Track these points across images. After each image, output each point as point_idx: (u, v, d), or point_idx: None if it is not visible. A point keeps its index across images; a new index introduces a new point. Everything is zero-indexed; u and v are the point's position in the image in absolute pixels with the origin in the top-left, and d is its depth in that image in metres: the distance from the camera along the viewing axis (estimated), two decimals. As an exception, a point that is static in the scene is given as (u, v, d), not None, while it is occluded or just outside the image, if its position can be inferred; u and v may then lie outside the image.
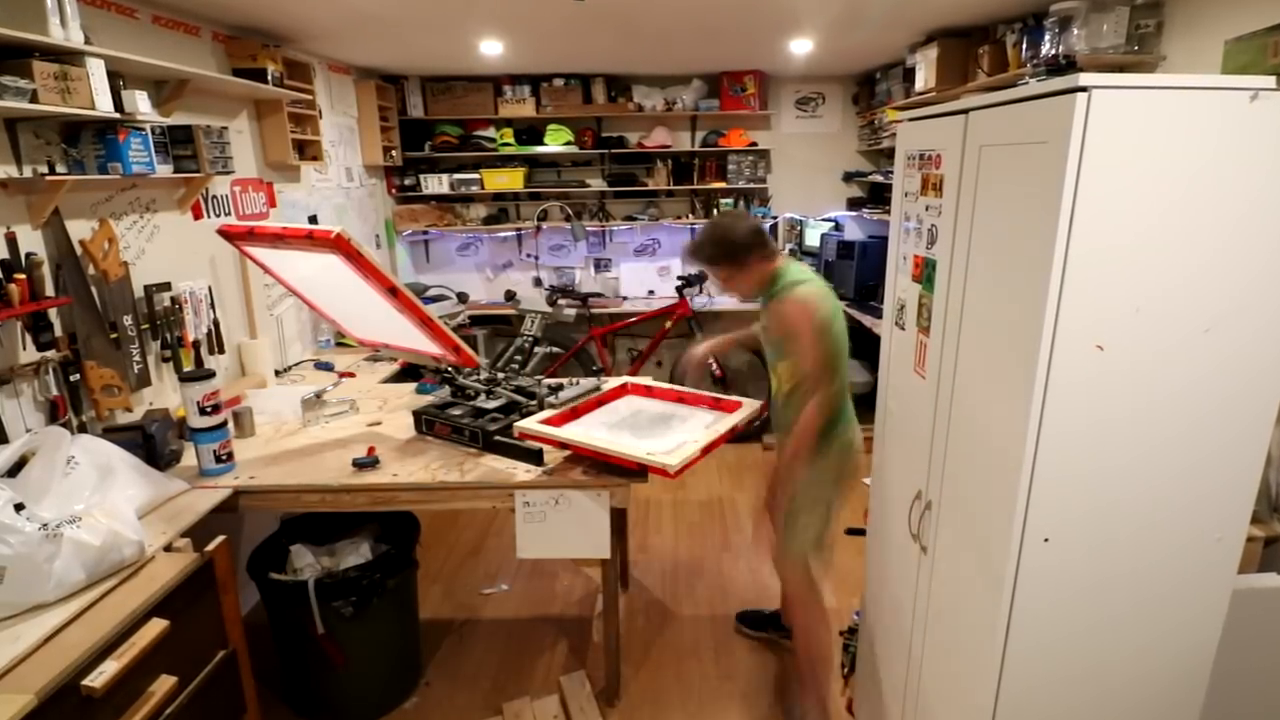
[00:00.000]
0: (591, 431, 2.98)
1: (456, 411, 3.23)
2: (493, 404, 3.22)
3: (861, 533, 2.88)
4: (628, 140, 6.84)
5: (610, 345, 7.16)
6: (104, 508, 2.22)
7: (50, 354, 2.80)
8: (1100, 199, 1.47)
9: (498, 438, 3.05)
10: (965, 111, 1.90)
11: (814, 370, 2.77)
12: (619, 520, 3.17)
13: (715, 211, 6.93)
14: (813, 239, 6.93)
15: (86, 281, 2.99)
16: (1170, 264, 1.52)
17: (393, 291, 2.75)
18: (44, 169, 2.78)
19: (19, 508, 2.02)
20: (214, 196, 3.93)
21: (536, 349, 3.46)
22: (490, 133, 6.72)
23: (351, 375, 4.38)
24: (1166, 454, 1.65)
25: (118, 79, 2.95)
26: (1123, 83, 1.43)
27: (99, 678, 1.86)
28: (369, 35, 4.59)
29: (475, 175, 6.73)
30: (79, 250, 2.97)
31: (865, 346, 6.28)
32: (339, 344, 5.25)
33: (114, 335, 3.10)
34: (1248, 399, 1.62)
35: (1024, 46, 3.94)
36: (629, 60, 6.03)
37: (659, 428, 3.06)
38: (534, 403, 3.20)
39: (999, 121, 1.76)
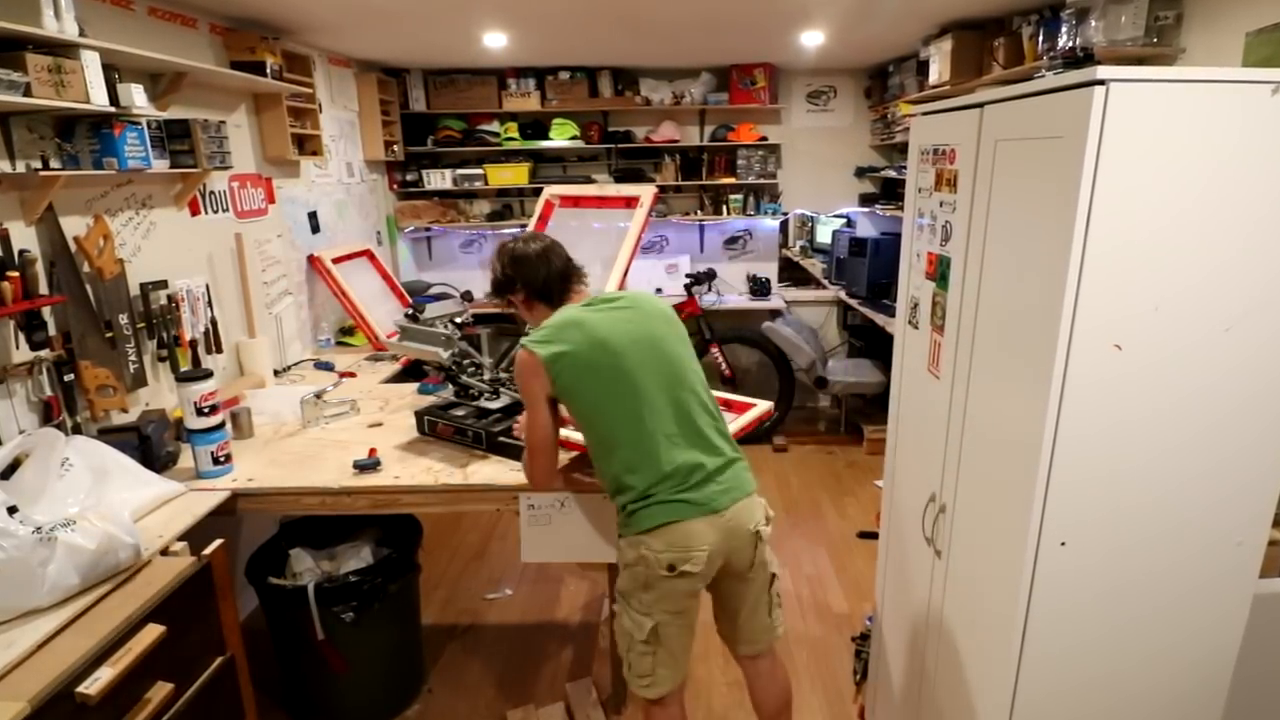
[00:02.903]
0: None
1: (460, 412, 3.23)
2: (497, 404, 3.22)
3: (874, 536, 2.88)
4: (635, 135, 6.84)
5: (616, 344, 7.15)
6: (99, 510, 2.23)
7: (44, 353, 2.81)
8: (1118, 195, 1.47)
9: (502, 439, 3.05)
10: (980, 105, 1.90)
11: (524, 429, 2.54)
12: (625, 524, 3.17)
13: (725, 209, 6.93)
14: (824, 236, 6.92)
15: (81, 279, 2.99)
16: (1190, 261, 1.52)
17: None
18: (38, 164, 2.79)
19: (12, 510, 2.02)
20: (212, 192, 3.94)
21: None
22: (494, 127, 6.72)
23: (352, 375, 4.39)
24: (1186, 455, 1.65)
25: (113, 72, 2.96)
26: (1141, 76, 1.42)
27: (94, 684, 1.86)
28: (370, 27, 4.59)
29: (479, 170, 6.73)
30: (73, 247, 2.97)
31: (877, 345, 6.28)
32: (339, 343, 5.26)
33: (109, 334, 3.11)
34: (1269, 399, 1.62)
35: (1040, 39, 3.93)
36: (636, 53, 6.03)
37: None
38: (538, 403, 3.20)
39: (1014, 115, 1.76)
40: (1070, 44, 3.56)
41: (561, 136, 6.66)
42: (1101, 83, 1.42)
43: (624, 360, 2.36)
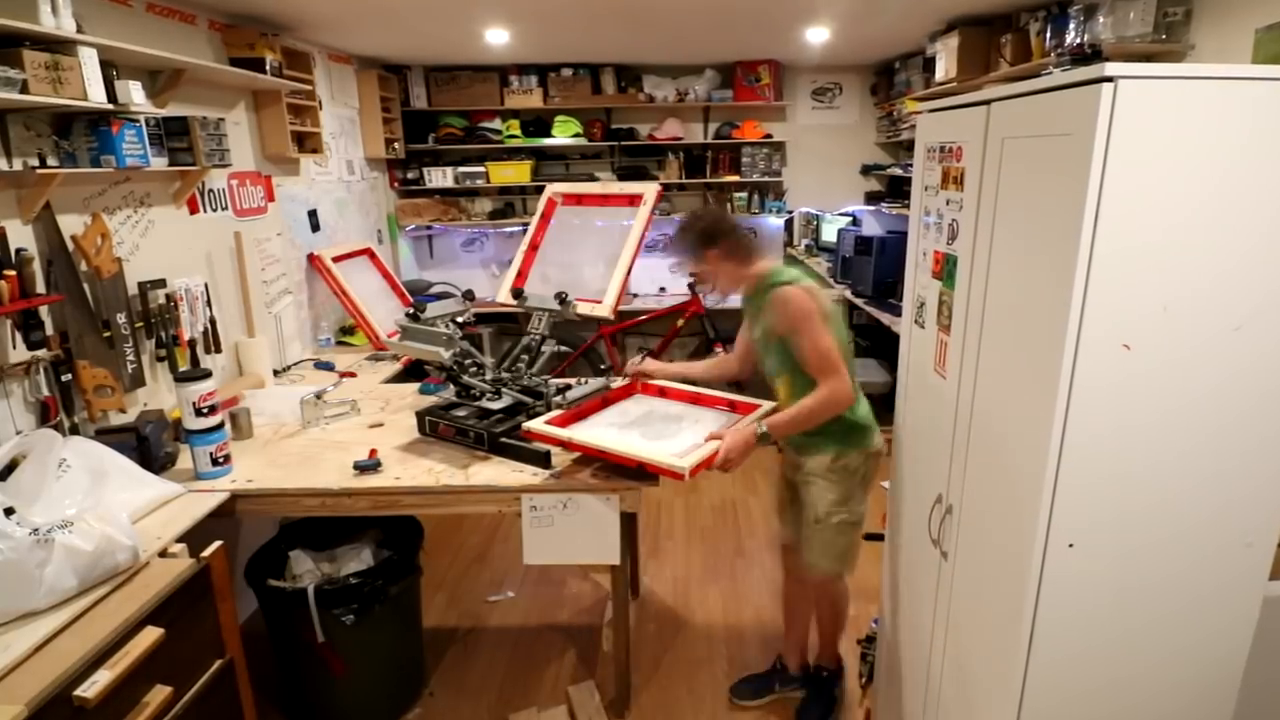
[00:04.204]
0: (600, 432, 2.98)
1: (461, 412, 3.23)
2: (498, 404, 3.22)
3: (880, 538, 2.87)
4: (638, 132, 6.85)
5: (620, 344, 7.17)
6: (97, 512, 2.23)
7: (41, 353, 2.82)
8: (1127, 193, 1.46)
9: (504, 439, 3.06)
10: (987, 102, 1.90)
11: (820, 359, 2.71)
12: (629, 525, 3.17)
13: (729, 208, 6.93)
14: (829, 234, 6.92)
15: (79, 278, 3.00)
16: (1199, 260, 1.52)
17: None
18: (35, 162, 2.80)
19: (9, 512, 2.03)
20: (210, 190, 3.95)
21: (544, 348, 3.45)
22: (496, 124, 6.74)
23: (353, 375, 4.39)
24: (1195, 456, 1.64)
25: (111, 69, 2.97)
26: (1150, 72, 1.42)
27: (91, 688, 1.86)
28: (371, 23, 4.60)
29: (480, 168, 6.75)
30: (71, 246, 2.98)
31: (883, 345, 6.27)
32: (339, 343, 5.27)
33: (107, 334, 3.11)
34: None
35: (1048, 35, 3.93)
36: (640, 49, 6.04)
37: (671, 429, 3.05)
38: (541, 403, 3.20)
39: (1022, 113, 1.76)
40: (1078, 40, 3.56)
41: (564, 134, 6.68)
42: (1110, 80, 1.41)
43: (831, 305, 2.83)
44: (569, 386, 3.27)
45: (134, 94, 3.02)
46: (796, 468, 3.06)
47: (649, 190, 3.67)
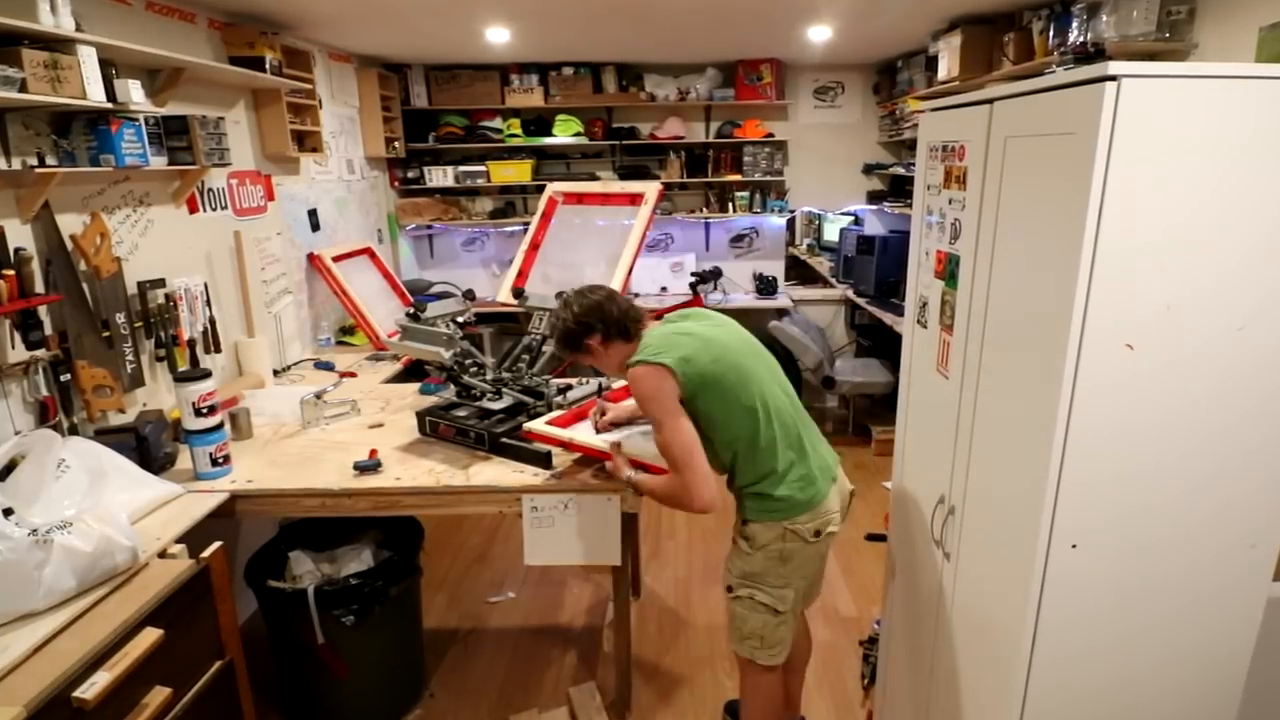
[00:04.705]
0: (602, 433, 2.98)
1: (461, 412, 3.24)
2: (499, 405, 3.22)
3: (882, 538, 2.87)
4: (639, 131, 6.84)
5: (621, 344, 7.16)
6: (96, 513, 2.23)
7: (40, 353, 2.82)
8: (1130, 192, 1.46)
9: (504, 440, 3.06)
10: (990, 101, 1.90)
11: (668, 451, 2.46)
12: (630, 525, 3.17)
13: (731, 206, 6.92)
14: (831, 233, 6.92)
15: (78, 278, 3.00)
16: (1203, 259, 1.52)
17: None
18: (33, 161, 2.80)
19: (8, 513, 2.04)
20: (210, 190, 3.95)
21: (545, 347, 3.45)
22: (497, 123, 6.73)
23: (353, 375, 4.40)
24: (1199, 456, 1.64)
25: (110, 68, 2.97)
26: (1153, 71, 1.42)
27: (91, 689, 1.86)
28: (371, 22, 4.60)
29: (481, 167, 6.74)
30: (70, 245, 2.98)
31: (886, 345, 6.28)
32: (340, 343, 5.27)
33: (106, 334, 3.12)
34: (1284, 399, 1.62)
35: (1051, 34, 3.93)
36: (641, 48, 6.03)
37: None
38: (542, 403, 3.21)
39: (1025, 112, 1.76)
40: (1081, 39, 3.56)
41: (565, 133, 6.67)
42: (1113, 78, 1.41)
43: (738, 356, 2.56)
44: (570, 387, 3.27)
45: (133, 93, 3.02)
46: None
47: (650, 189, 3.67)
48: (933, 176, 2.27)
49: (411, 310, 3.23)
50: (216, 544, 2.43)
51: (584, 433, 2.97)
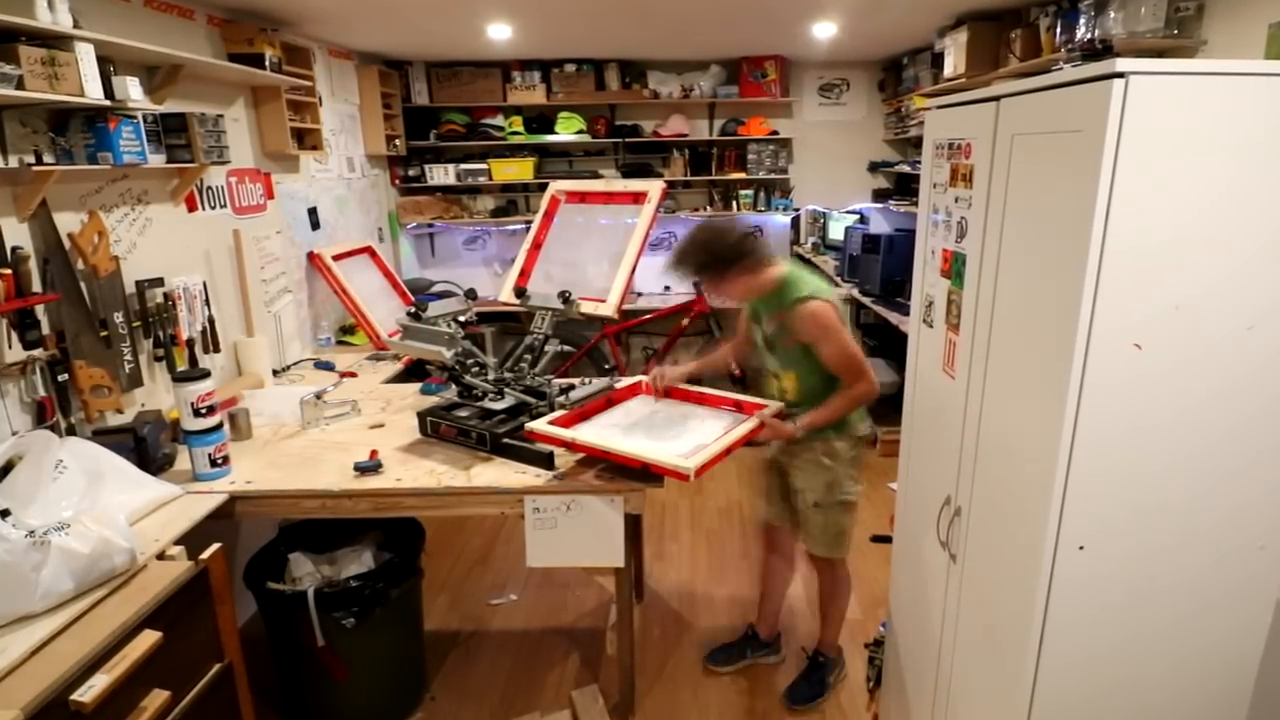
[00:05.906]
0: (604, 433, 2.98)
1: (463, 413, 3.24)
2: (501, 405, 3.22)
3: (888, 540, 2.87)
4: (642, 129, 6.84)
5: (624, 343, 7.18)
6: (93, 514, 2.23)
7: (37, 353, 2.82)
8: (1138, 190, 1.46)
9: (506, 440, 3.06)
10: (996, 99, 1.90)
11: (853, 366, 2.95)
12: (634, 527, 3.17)
13: (735, 205, 6.93)
14: (836, 232, 6.91)
15: (75, 277, 3.00)
16: (1212, 258, 1.51)
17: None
18: (30, 159, 2.80)
19: (4, 514, 2.04)
20: (209, 188, 3.96)
21: (547, 347, 3.45)
22: (499, 121, 6.74)
23: (353, 375, 4.40)
24: (1207, 457, 1.64)
25: (108, 64, 2.97)
26: (1162, 68, 1.42)
27: (89, 692, 1.86)
28: (371, 18, 4.60)
29: (483, 165, 6.76)
30: (67, 244, 2.99)
31: (891, 345, 6.27)
32: (340, 342, 5.27)
33: (104, 333, 3.12)
34: (1294, 400, 1.61)
35: (1058, 30, 3.93)
36: (644, 45, 6.04)
37: (676, 429, 3.06)
38: (544, 403, 3.21)
39: (1032, 109, 1.76)
40: (1089, 36, 3.56)
41: (567, 130, 6.67)
42: (1121, 75, 1.41)
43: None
44: (572, 386, 3.27)
45: (131, 90, 3.02)
46: (789, 454, 3.23)
47: (653, 187, 3.67)
48: (939, 174, 2.27)
49: (412, 310, 3.23)
50: (215, 545, 2.43)
51: (587, 433, 2.97)
